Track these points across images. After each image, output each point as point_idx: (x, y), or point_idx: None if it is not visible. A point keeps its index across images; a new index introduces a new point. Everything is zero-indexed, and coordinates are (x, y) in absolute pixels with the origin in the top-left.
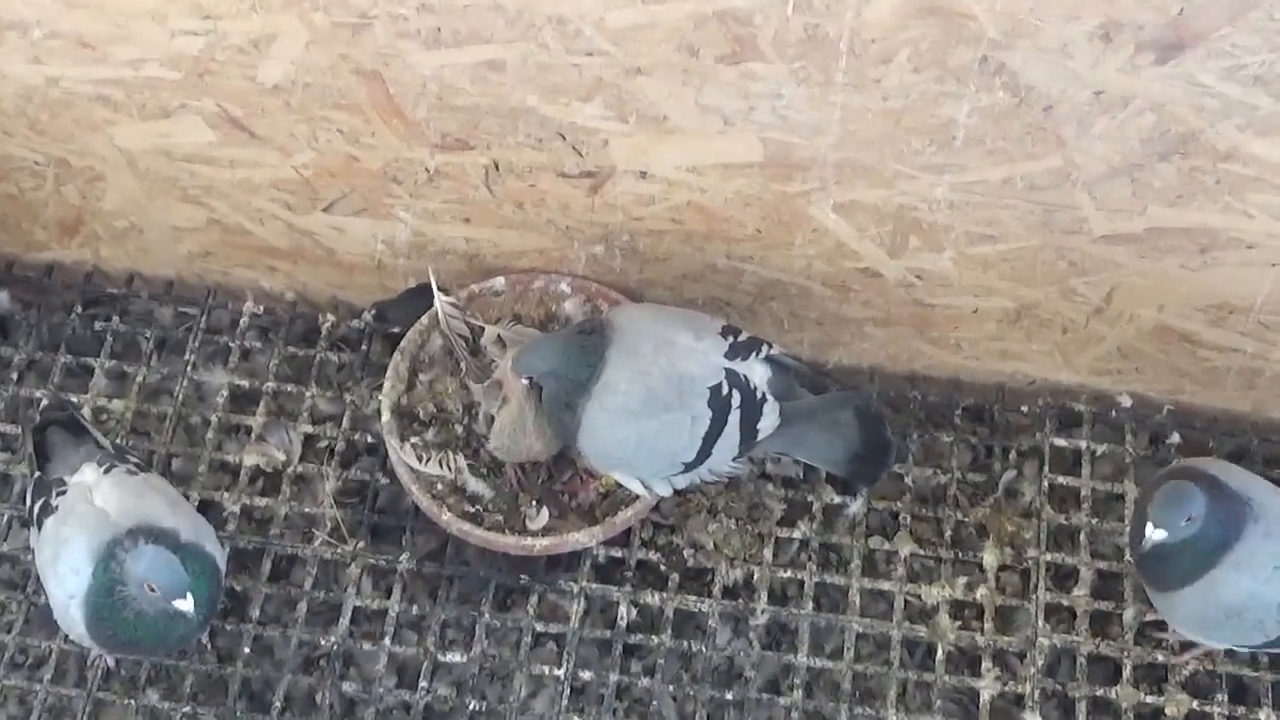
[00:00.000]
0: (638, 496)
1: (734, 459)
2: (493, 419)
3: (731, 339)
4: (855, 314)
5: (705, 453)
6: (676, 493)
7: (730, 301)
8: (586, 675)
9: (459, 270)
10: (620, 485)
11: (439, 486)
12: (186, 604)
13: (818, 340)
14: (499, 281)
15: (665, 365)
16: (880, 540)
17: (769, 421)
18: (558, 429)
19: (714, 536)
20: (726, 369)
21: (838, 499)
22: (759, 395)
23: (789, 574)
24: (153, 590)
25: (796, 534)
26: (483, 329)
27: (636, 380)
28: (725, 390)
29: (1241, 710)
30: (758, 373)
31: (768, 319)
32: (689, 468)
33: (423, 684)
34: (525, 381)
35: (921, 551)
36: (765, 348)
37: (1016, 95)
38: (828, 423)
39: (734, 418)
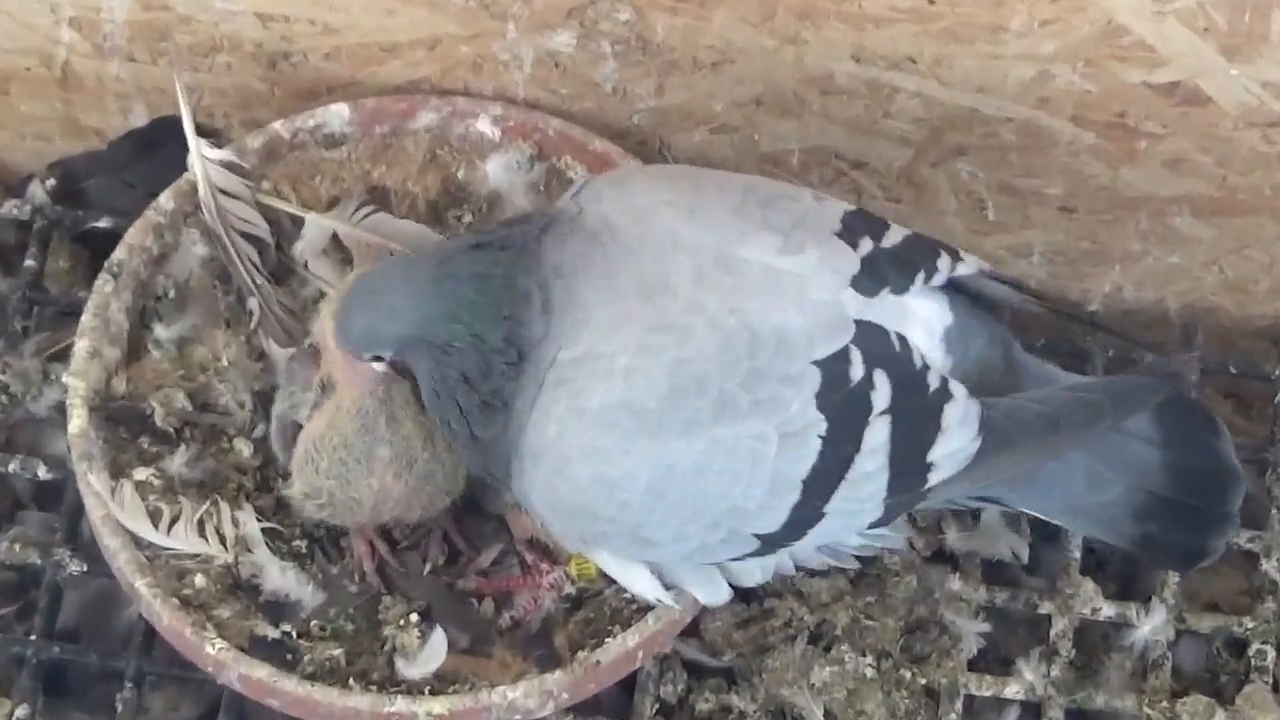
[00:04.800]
0: (650, 607)
1: (872, 525)
2: (296, 429)
3: (868, 244)
4: (1149, 188)
5: (810, 512)
6: (740, 597)
7: (864, 161)
8: None
9: (247, 88)
10: (609, 581)
11: (199, 582)
12: None
13: (1065, 248)
14: (338, 114)
15: (717, 310)
16: (1206, 706)
17: (956, 441)
18: (469, 453)
19: (826, 694)
20: (859, 320)
21: (1107, 608)
22: (933, 381)
23: None
24: None
25: (1013, 688)
26: (301, 220)
27: (653, 346)
28: (857, 369)
29: None
30: (926, 322)
31: (948, 198)
32: (770, 545)
33: None
34: (373, 363)
35: None
36: (945, 262)
37: None
38: (1093, 437)
39: (876, 433)
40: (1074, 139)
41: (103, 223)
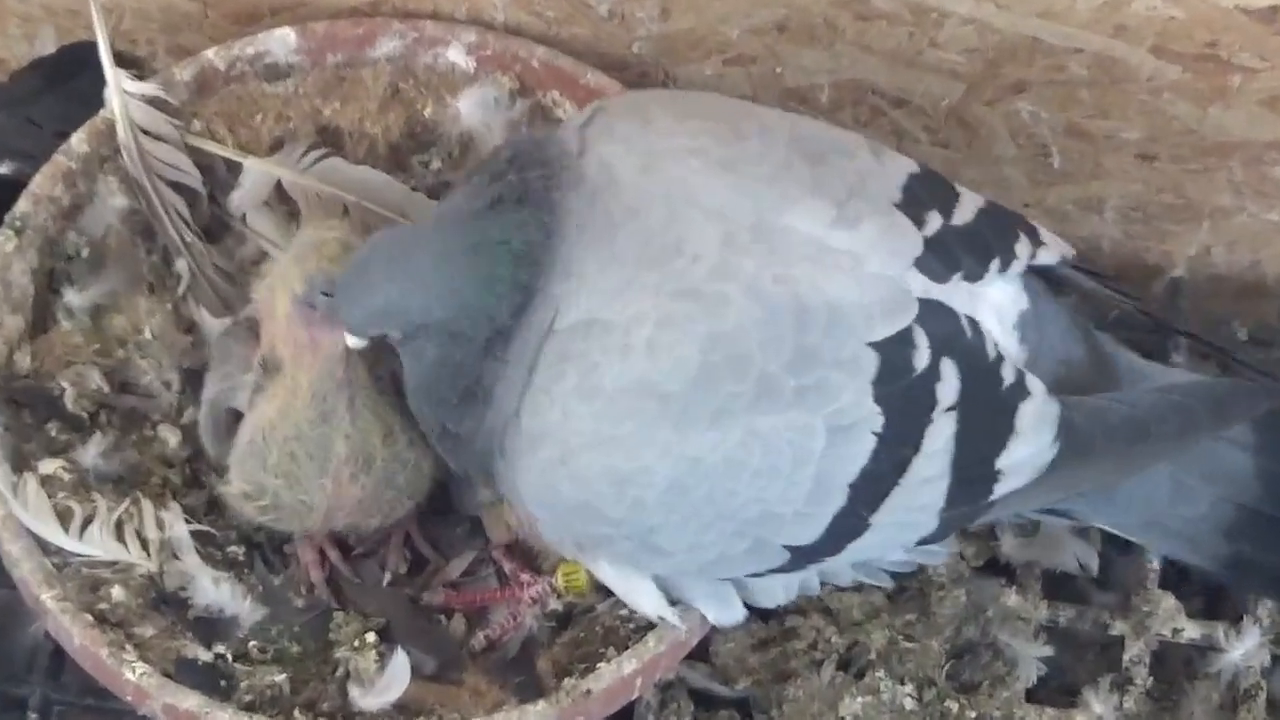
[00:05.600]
0: (650, 625)
1: (923, 539)
2: (233, 417)
3: (936, 220)
4: (1244, 131)
5: (855, 522)
6: (758, 614)
7: (907, 99)
8: None
9: (175, 8)
10: (603, 595)
11: (117, 594)
12: None
13: (1144, 203)
14: (282, 40)
15: (757, 275)
16: None
17: (1030, 446)
18: (448, 450)
19: None
20: (924, 299)
21: (1190, 629)
22: (1008, 374)
23: None
24: None
25: None
26: (239, 166)
27: (680, 316)
28: (922, 356)
29: None
30: (998, 306)
31: (1005, 143)
32: (801, 559)
33: None
34: (353, 341)
35: None
36: (1024, 248)
37: None
38: (1184, 448)
39: (939, 432)
40: (1155, 74)
41: (2, 168)
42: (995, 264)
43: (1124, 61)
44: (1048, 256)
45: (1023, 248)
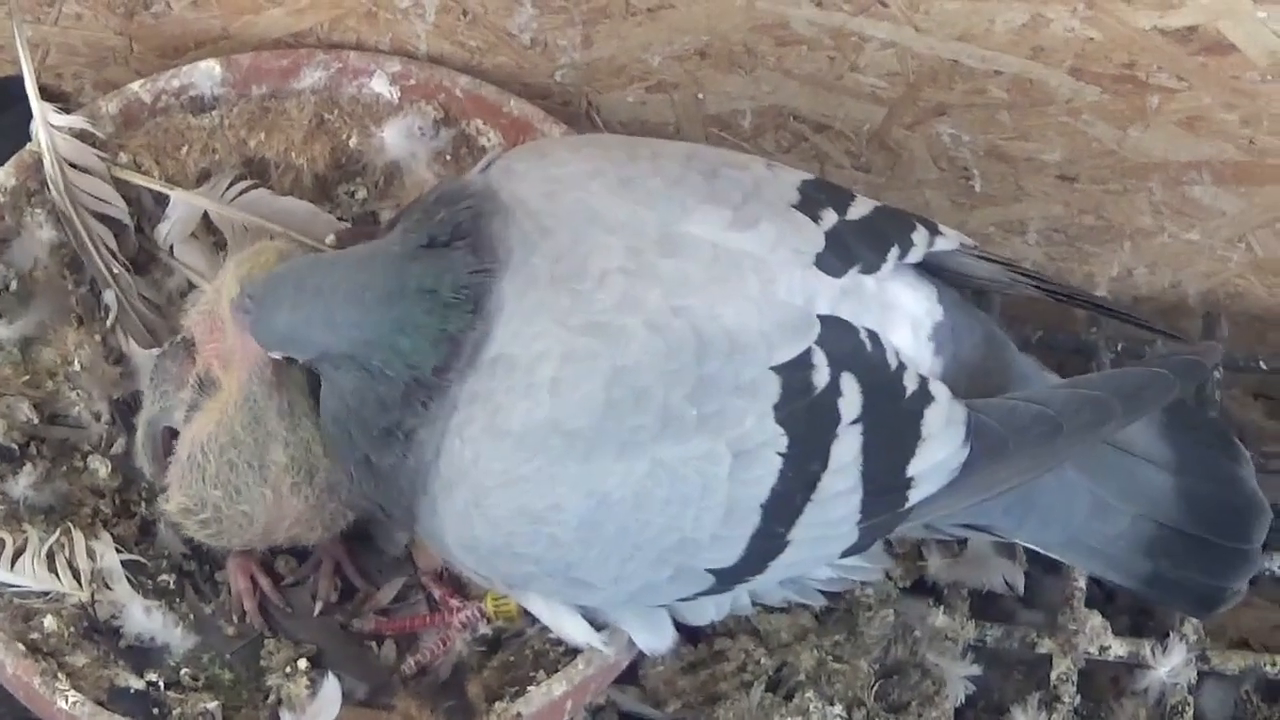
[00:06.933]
0: (577, 652)
1: (845, 553)
2: (169, 435)
3: (832, 217)
4: (1163, 152)
5: (772, 541)
6: (687, 637)
7: (828, 124)
8: None
9: (101, 43)
10: (532, 619)
11: (49, 624)
12: None
13: (1065, 224)
14: (208, 73)
15: (658, 308)
16: None
17: (940, 451)
18: (360, 482)
19: None
20: (825, 316)
21: (1117, 647)
22: (910, 382)
23: None
24: None
25: None
26: (166, 198)
27: (583, 352)
28: (821, 375)
29: None
30: (913, 317)
31: (926, 166)
32: (726, 581)
33: None
34: (276, 359)
35: None
36: (921, 236)
37: None
38: (1092, 451)
39: (846, 446)
40: (1074, 95)
41: None
42: (893, 253)
43: (1043, 83)
44: (945, 244)
45: (920, 236)
